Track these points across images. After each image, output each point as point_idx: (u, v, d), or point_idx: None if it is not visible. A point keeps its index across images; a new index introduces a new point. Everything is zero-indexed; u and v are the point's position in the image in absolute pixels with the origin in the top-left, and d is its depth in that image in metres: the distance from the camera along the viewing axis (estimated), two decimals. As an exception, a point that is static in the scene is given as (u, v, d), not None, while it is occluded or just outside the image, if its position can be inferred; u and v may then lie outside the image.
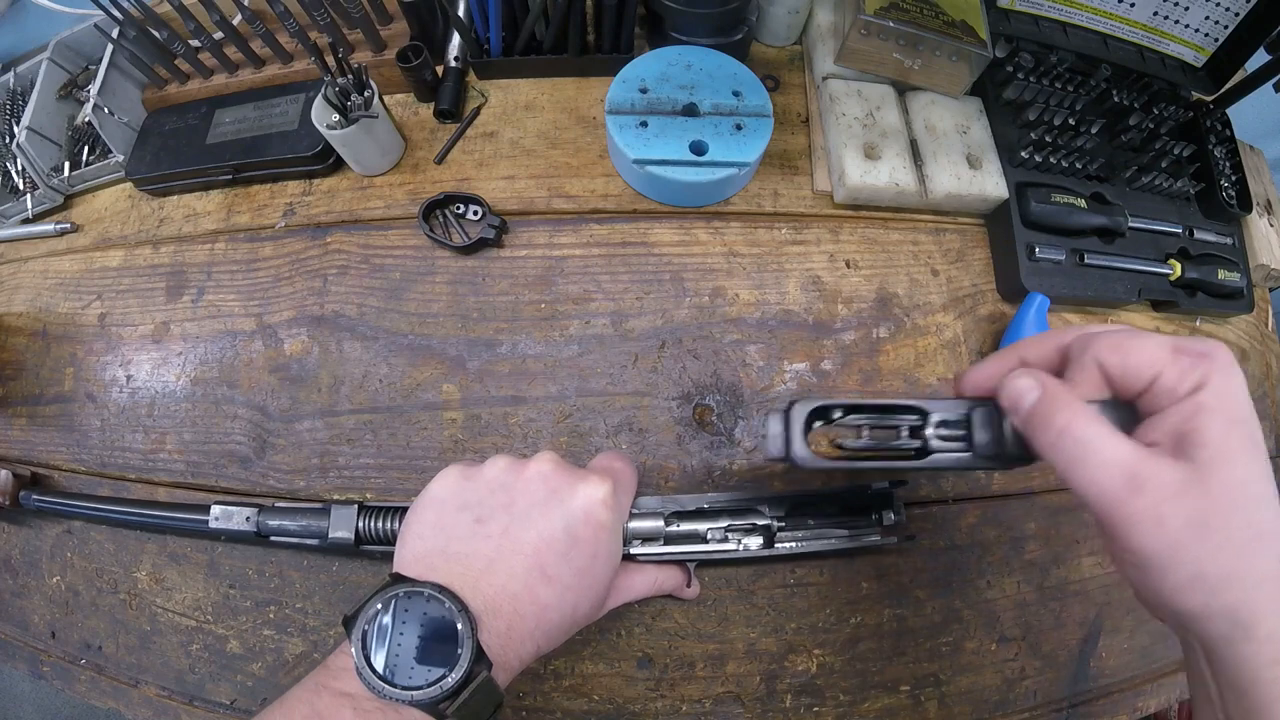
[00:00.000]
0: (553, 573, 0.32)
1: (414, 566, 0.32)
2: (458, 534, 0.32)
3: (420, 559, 0.32)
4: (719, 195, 0.51)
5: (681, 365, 0.48)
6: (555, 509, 0.33)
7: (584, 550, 0.33)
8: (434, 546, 0.32)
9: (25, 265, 0.59)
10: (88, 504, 0.48)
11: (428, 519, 0.33)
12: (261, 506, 0.43)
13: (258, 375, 0.51)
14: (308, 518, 0.42)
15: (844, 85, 0.53)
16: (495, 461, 0.35)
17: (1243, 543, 0.23)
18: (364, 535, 0.41)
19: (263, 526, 0.42)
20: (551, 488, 0.33)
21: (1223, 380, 0.25)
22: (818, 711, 0.44)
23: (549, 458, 0.35)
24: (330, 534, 0.41)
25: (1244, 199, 0.54)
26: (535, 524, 0.32)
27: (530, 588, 0.31)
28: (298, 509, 0.43)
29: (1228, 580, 0.23)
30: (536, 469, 0.34)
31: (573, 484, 0.34)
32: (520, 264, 0.51)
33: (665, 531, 0.40)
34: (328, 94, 0.48)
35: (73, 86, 0.59)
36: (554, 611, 0.32)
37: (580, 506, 0.33)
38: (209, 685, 0.47)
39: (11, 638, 0.52)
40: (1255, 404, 0.57)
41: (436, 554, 0.32)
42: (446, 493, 0.34)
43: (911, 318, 0.50)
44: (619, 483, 0.36)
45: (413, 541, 0.33)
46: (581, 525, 0.33)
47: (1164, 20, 0.52)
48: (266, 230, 0.54)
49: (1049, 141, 0.51)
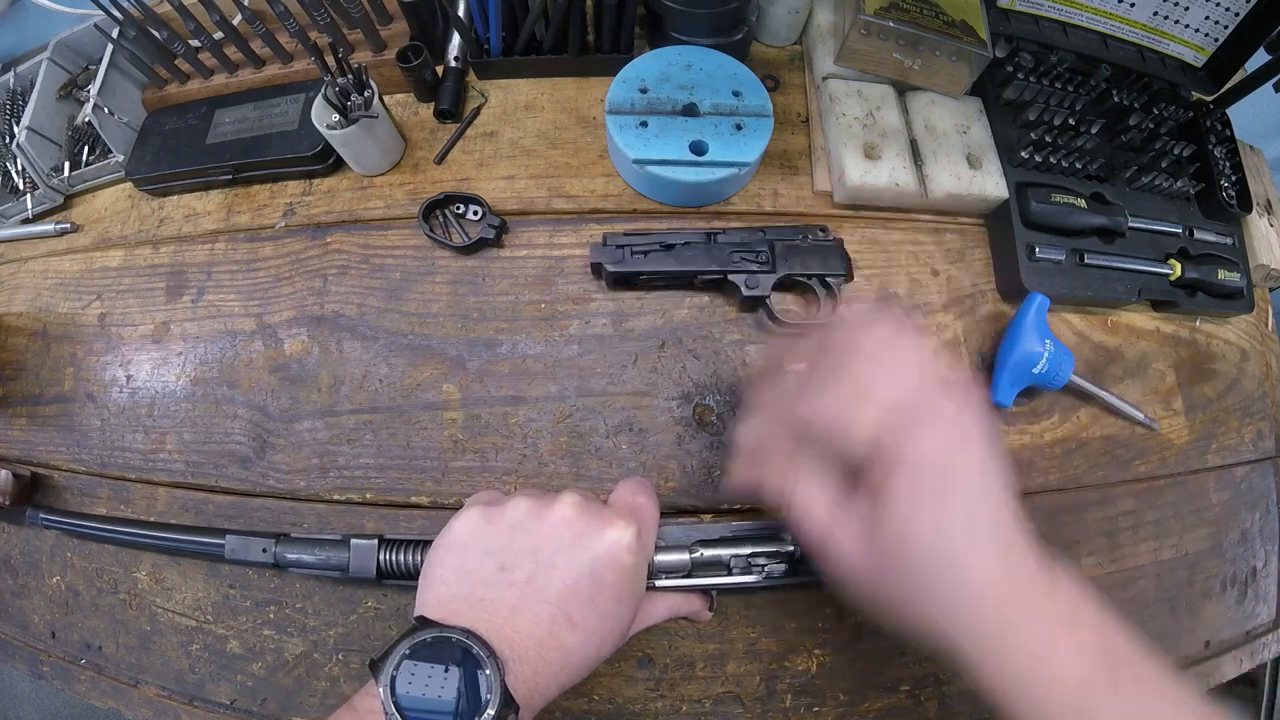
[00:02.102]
0: (578, 619, 0.32)
1: (438, 610, 0.31)
2: (482, 579, 0.32)
3: (444, 603, 0.32)
4: (719, 195, 0.51)
5: (681, 365, 0.48)
6: (580, 555, 0.32)
7: (609, 595, 0.32)
8: (458, 592, 0.32)
9: (25, 265, 0.59)
10: (97, 525, 0.47)
11: (451, 563, 0.33)
12: (278, 537, 0.42)
13: (258, 375, 0.51)
14: (326, 549, 0.41)
15: (844, 85, 0.53)
16: (518, 503, 0.34)
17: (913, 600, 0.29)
18: (385, 569, 0.40)
19: (280, 558, 0.42)
20: (576, 533, 0.33)
21: (910, 469, 0.29)
22: (818, 711, 0.44)
23: (572, 501, 0.34)
24: (351, 569, 0.40)
25: (1244, 199, 0.54)
26: (560, 571, 0.32)
27: (555, 634, 0.31)
28: (316, 540, 0.42)
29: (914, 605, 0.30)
30: (560, 512, 0.33)
31: (598, 529, 0.33)
32: (520, 264, 0.50)
33: (691, 564, 0.39)
34: (328, 94, 0.48)
35: (73, 86, 0.59)
36: (578, 655, 0.32)
37: (606, 553, 0.32)
38: (209, 685, 0.47)
39: (11, 638, 0.52)
40: (1255, 404, 0.57)
41: (461, 599, 0.32)
42: (469, 536, 0.33)
43: (912, 318, 0.50)
44: (643, 522, 0.35)
45: (436, 586, 0.33)
46: (607, 571, 0.32)
47: (1164, 20, 0.52)
48: (266, 230, 0.54)
49: (1049, 141, 0.51)
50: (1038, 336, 0.47)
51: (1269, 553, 0.55)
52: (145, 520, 0.48)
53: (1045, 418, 0.50)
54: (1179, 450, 0.53)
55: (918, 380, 0.31)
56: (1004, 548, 0.29)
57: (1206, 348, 0.56)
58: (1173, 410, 0.53)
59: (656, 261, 0.47)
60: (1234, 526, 0.54)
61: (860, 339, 0.33)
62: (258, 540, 0.42)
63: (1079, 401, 0.51)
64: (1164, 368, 0.54)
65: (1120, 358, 0.53)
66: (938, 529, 0.29)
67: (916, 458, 0.29)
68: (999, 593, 0.28)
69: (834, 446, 0.32)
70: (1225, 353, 0.57)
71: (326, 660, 0.46)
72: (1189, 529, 0.52)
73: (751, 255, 0.47)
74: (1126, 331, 0.54)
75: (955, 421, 0.30)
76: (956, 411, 0.30)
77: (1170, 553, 0.51)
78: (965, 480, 0.29)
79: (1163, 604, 0.50)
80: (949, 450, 0.29)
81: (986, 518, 0.29)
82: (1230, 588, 0.53)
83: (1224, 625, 0.52)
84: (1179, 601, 0.51)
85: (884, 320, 0.34)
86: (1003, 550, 0.29)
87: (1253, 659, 0.53)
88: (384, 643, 0.45)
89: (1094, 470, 0.50)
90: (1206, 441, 0.54)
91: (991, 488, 0.29)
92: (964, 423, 0.30)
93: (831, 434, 0.31)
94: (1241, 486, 0.55)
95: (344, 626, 0.46)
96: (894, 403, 0.30)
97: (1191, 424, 0.54)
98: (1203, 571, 0.52)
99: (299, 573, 0.42)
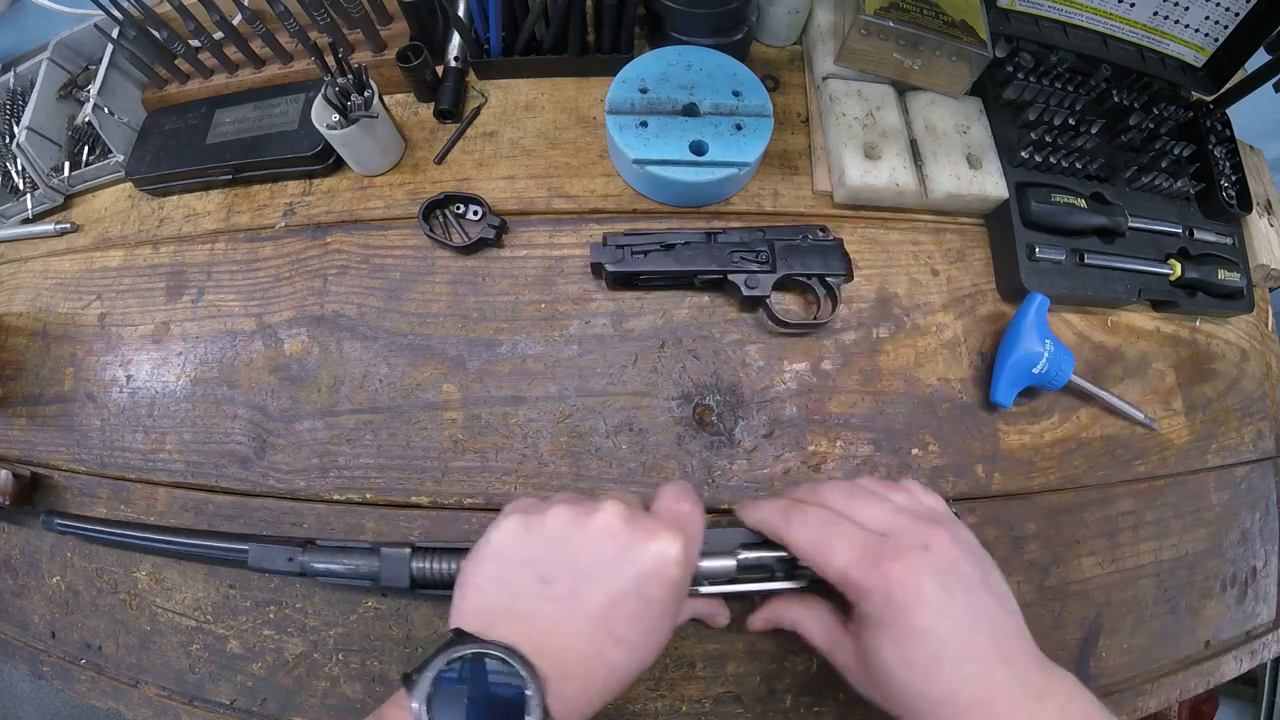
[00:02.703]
0: (622, 634, 0.30)
1: (474, 622, 0.30)
2: (521, 591, 0.31)
3: (481, 614, 0.31)
4: (719, 195, 0.51)
5: (681, 365, 0.48)
6: (625, 569, 0.31)
7: (654, 610, 0.31)
8: (496, 604, 0.31)
9: (25, 265, 0.59)
10: (112, 530, 0.46)
11: (488, 573, 0.32)
12: (305, 544, 0.41)
13: (258, 375, 0.51)
14: (355, 558, 0.40)
15: (844, 85, 0.53)
16: (558, 511, 0.32)
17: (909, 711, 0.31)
18: (418, 579, 0.39)
19: (307, 568, 0.40)
20: (620, 545, 0.31)
21: (874, 605, 0.31)
22: (818, 711, 0.44)
23: (616, 510, 0.32)
24: (382, 579, 0.39)
25: (1244, 199, 0.54)
26: (603, 585, 0.30)
27: (599, 651, 0.30)
28: (344, 548, 0.41)
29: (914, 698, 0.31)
30: (603, 522, 0.32)
31: (643, 541, 0.31)
32: (520, 264, 0.50)
33: (736, 571, 0.38)
34: (328, 94, 0.48)
35: (73, 86, 0.59)
36: (621, 671, 0.31)
37: (652, 566, 0.31)
38: (209, 685, 0.47)
39: (11, 638, 0.52)
40: (1255, 404, 0.57)
41: (499, 611, 0.30)
42: (507, 546, 0.32)
43: (911, 317, 0.50)
44: (689, 532, 0.34)
45: (473, 596, 0.32)
46: (653, 585, 0.31)
47: (1164, 20, 0.52)
48: (266, 230, 0.54)
49: (1049, 141, 0.51)
50: (1038, 336, 0.47)
51: (1269, 553, 0.55)
52: (164, 525, 0.48)
53: (1045, 418, 0.50)
54: (1179, 450, 0.53)
55: (892, 513, 0.33)
56: (975, 676, 0.30)
57: (1206, 348, 0.56)
58: (1173, 410, 0.53)
59: (656, 261, 0.47)
60: (1234, 526, 0.54)
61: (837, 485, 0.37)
62: (282, 549, 0.41)
63: (1079, 401, 0.51)
64: (1164, 368, 0.54)
65: (1120, 358, 0.53)
66: (907, 664, 0.30)
67: (880, 601, 0.31)
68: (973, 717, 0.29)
69: (813, 566, 0.34)
70: (1225, 353, 0.57)
71: (326, 660, 0.46)
72: (1189, 529, 0.52)
73: (751, 255, 0.47)
74: (1126, 331, 0.54)
75: (931, 556, 0.31)
76: (935, 546, 0.32)
77: (1170, 553, 0.51)
78: (931, 616, 0.30)
79: (1163, 604, 0.50)
80: (913, 592, 0.30)
81: (953, 652, 0.30)
82: (1230, 588, 0.53)
83: (1224, 625, 0.52)
84: (1179, 601, 0.51)
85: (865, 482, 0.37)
86: (971, 679, 0.30)
87: (1253, 659, 0.53)
88: (384, 643, 0.45)
89: (1094, 470, 0.50)
90: (1206, 441, 0.54)
91: (955, 622, 0.30)
92: (942, 556, 0.31)
93: (811, 560, 0.34)
94: (1241, 486, 0.55)
95: (344, 626, 0.46)
96: (866, 535, 0.32)
97: (1191, 424, 0.54)
98: (1203, 571, 0.52)
99: (327, 582, 0.41)
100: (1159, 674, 0.50)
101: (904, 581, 0.30)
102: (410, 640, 0.45)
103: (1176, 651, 0.51)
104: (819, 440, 0.47)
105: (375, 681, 0.45)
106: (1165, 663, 0.50)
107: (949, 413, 0.49)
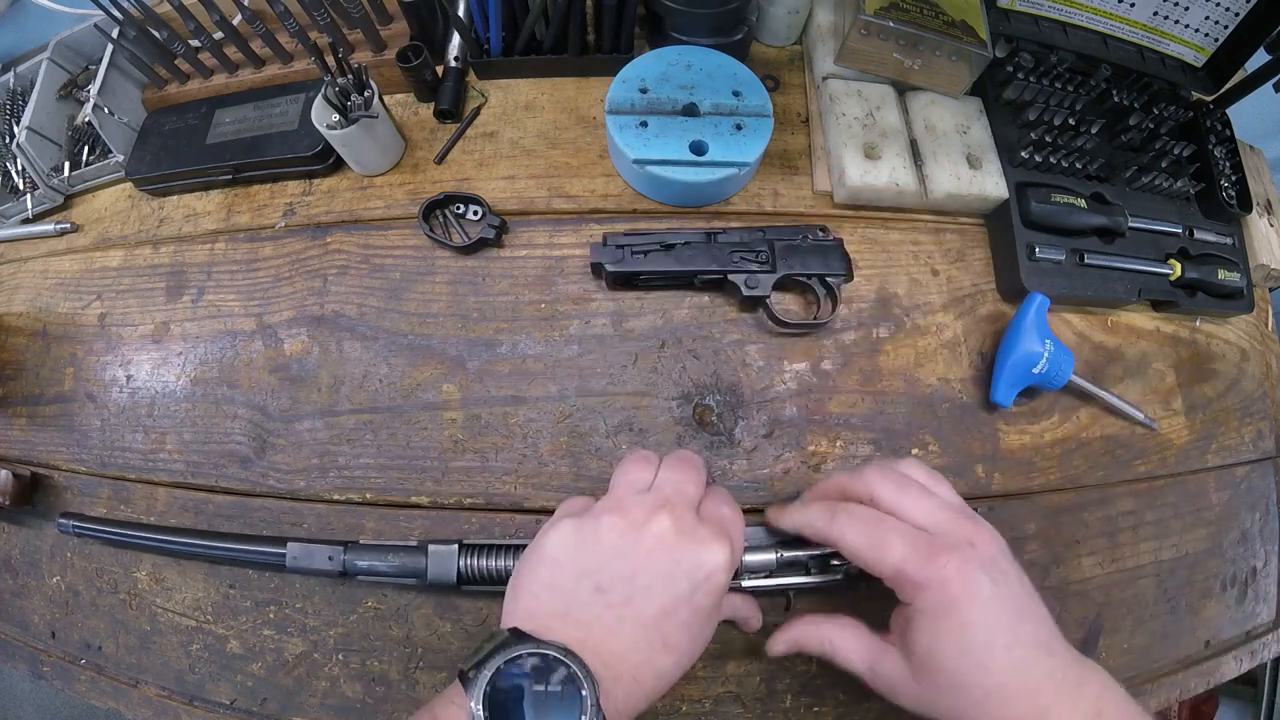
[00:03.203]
0: (673, 642, 0.32)
1: (530, 623, 0.31)
2: (577, 600, 0.32)
3: (535, 617, 0.32)
4: (719, 195, 0.51)
5: (681, 365, 0.48)
6: (679, 581, 0.32)
7: (702, 617, 0.33)
8: (551, 609, 0.32)
9: (25, 265, 0.59)
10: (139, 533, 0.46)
11: (542, 578, 0.33)
12: (346, 544, 0.41)
13: (258, 375, 0.51)
14: (400, 556, 0.40)
15: (844, 85, 0.53)
16: (612, 522, 0.33)
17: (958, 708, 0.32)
18: (466, 575, 0.39)
19: (350, 566, 0.41)
20: (674, 558, 0.32)
21: (930, 598, 0.32)
22: (818, 711, 0.44)
23: (667, 521, 0.33)
24: (430, 576, 0.39)
25: (1244, 199, 0.54)
26: (658, 596, 0.32)
27: (651, 658, 0.31)
28: (388, 546, 0.41)
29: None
30: (656, 532, 0.33)
31: (695, 551, 0.33)
32: (520, 264, 0.50)
33: (775, 566, 0.39)
34: (328, 94, 0.48)
35: (73, 86, 0.59)
36: (669, 675, 0.32)
37: (703, 577, 0.32)
38: (209, 685, 0.47)
39: (11, 638, 0.52)
40: (1255, 404, 0.57)
41: (555, 616, 0.32)
42: (562, 554, 0.33)
43: (911, 317, 0.50)
44: (734, 538, 0.35)
45: (526, 599, 0.33)
46: (702, 595, 0.33)
47: (1164, 20, 0.52)
48: (266, 230, 0.54)
49: (1049, 141, 0.51)
50: (1038, 336, 0.47)
51: (1269, 553, 0.55)
52: (197, 529, 0.48)
53: (1045, 418, 0.50)
54: (1179, 450, 0.53)
55: (938, 508, 0.34)
56: (1024, 665, 0.31)
57: (1206, 348, 0.56)
58: (1173, 410, 0.53)
59: (656, 261, 0.47)
60: (1234, 526, 0.54)
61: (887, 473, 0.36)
62: (323, 548, 0.41)
63: (1079, 401, 0.51)
64: (1164, 368, 0.54)
65: (1120, 358, 0.53)
66: (961, 653, 0.31)
67: (936, 593, 0.32)
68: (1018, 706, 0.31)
69: (864, 565, 0.34)
70: (1225, 353, 0.57)
71: (326, 660, 0.46)
72: (1189, 529, 0.52)
73: (751, 255, 0.47)
74: (1126, 331, 0.54)
75: (977, 551, 0.32)
76: (969, 548, 0.32)
77: (1170, 553, 0.51)
78: (983, 607, 0.31)
79: (1163, 604, 0.51)
80: (965, 585, 0.31)
81: (1003, 640, 0.31)
82: (1230, 588, 0.53)
83: (1224, 625, 0.53)
84: (1179, 601, 0.51)
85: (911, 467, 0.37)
86: (1021, 667, 0.31)
87: (1253, 659, 0.53)
88: (384, 643, 0.45)
89: (1094, 470, 0.50)
90: (1206, 441, 0.54)
91: (1004, 614, 0.32)
92: (976, 558, 0.32)
93: (863, 558, 0.34)
94: (1241, 486, 0.55)
95: (344, 626, 0.46)
96: (900, 565, 0.32)
97: (1191, 424, 0.54)
98: (1203, 571, 0.52)
99: (370, 580, 0.41)
100: (1159, 674, 0.50)
101: (958, 575, 0.31)
102: (410, 640, 0.45)
103: (1176, 651, 0.51)
104: (819, 440, 0.47)
105: (375, 681, 0.45)
106: (1165, 663, 0.50)
107: (949, 413, 0.49)
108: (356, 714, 0.45)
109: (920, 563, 0.32)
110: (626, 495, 0.35)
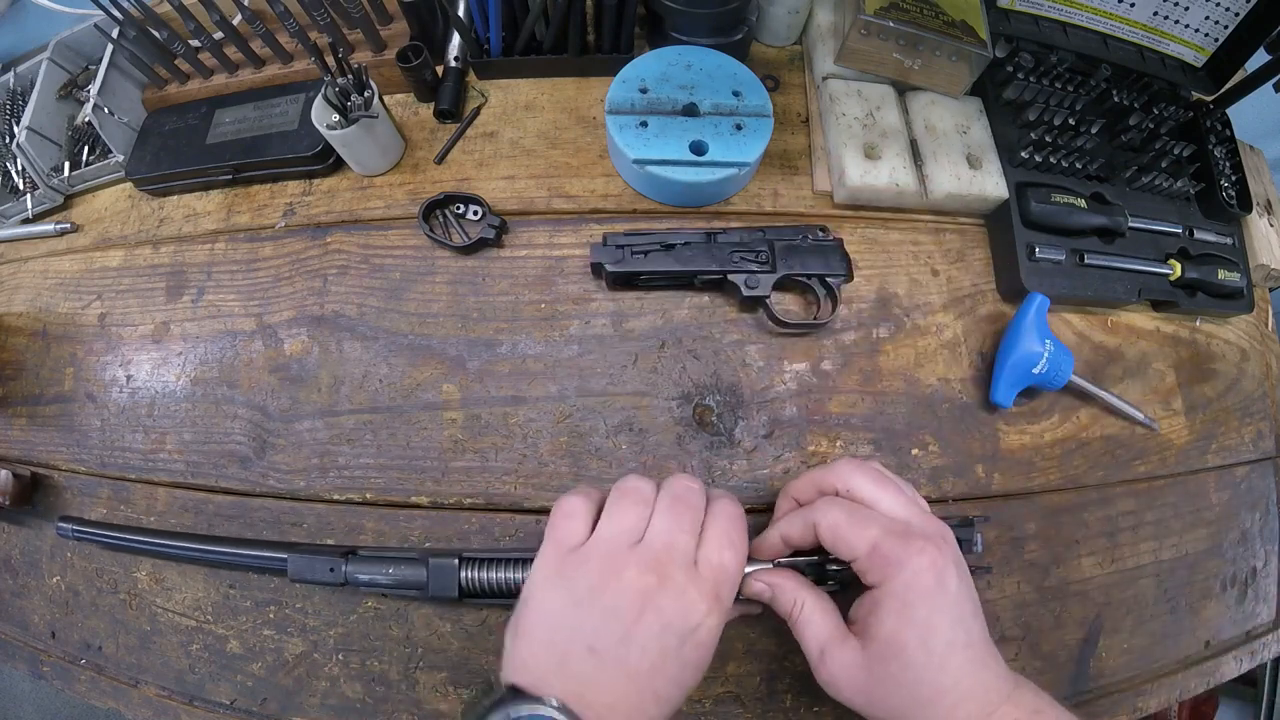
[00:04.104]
0: (664, 694, 0.33)
1: (526, 676, 0.33)
2: (573, 656, 0.33)
3: (532, 671, 0.33)
4: (719, 195, 0.51)
5: (681, 365, 0.48)
6: (669, 640, 0.33)
7: (690, 669, 0.34)
8: (547, 665, 0.33)
9: (25, 265, 0.59)
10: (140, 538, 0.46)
11: (539, 636, 0.34)
12: (347, 555, 0.41)
13: (258, 375, 0.51)
14: (402, 568, 0.40)
15: (844, 85, 0.53)
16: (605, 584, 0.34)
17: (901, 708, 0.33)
18: (467, 588, 0.40)
19: (351, 578, 0.41)
20: (665, 621, 0.33)
21: (903, 580, 0.33)
22: (817, 711, 0.44)
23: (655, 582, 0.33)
24: (431, 590, 0.39)
25: (1244, 199, 0.54)
26: (650, 655, 0.33)
27: (642, 707, 0.33)
28: (388, 557, 0.41)
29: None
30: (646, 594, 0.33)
31: (684, 613, 0.34)
32: (520, 264, 0.51)
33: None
34: (328, 94, 0.48)
35: (73, 86, 0.59)
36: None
37: (692, 637, 0.34)
38: (209, 685, 0.47)
39: (11, 638, 0.52)
40: (1255, 404, 0.57)
41: (551, 671, 0.33)
42: (558, 614, 0.34)
43: (911, 318, 0.50)
44: (726, 593, 0.36)
45: (523, 651, 0.34)
46: (692, 651, 0.34)
47: (1164, 20, 0.52)
48: (266, 230, 0.54)
49: (1049, 141, 0.51)
50: (1038, 336, 0.47)
51: (1269, 553, 0.55)
52: (197, 533, 0.48)
53: (1045, 418, 0.50)
54: (1179, 450, 0.53)
55: (909, 503, 0.37)
56: (976, 665, 0.33)
57: (1206, 348, 0.56)
58: (1173, 410, 0.54)
59: (656, 261, 0.47)
60: (1234, 526, 0.54)
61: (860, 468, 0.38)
62: (324, 559, 0.41)
63: (1079, 401, 0.51)
64: (1164, 368, 0.54)
65: (1120, 358, 0.53)
66: (923, 645, 0.33)
67: (909, 577, 0.33)
68: (969, 707, 0.33)
69: (841, 543, 0.35)
70: (1225, 353, 0.57)
71: (326, 660, 0.46)
72: (1189, 529, 0.52)
73: (751, 255, 0.47)
74: (1126, 331, 0.54)
75: (941, 551, 0.34)
76: (942, 543, 0.35)
77: (1170, 553, 0.51)
78: (949, 601, 0.33)
79: (1163, 604, 0.51)
80: (937, 575, 0.33)
81: (962, 638, 0.33)
82: (1230, 588, 0.53)
83: (1224, 625, 0.53)
84: (1179, 601, 0.51)
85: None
86: (974, 667, 0.33)
87: (1253, 659, 0.53)
88: (384, 643, 0.45)
89: (1094, 470, 0.50)
90: (1206, 441, 0.54)
91: (965, 613, 0.34)
92: (948, 552, 0.34)
93: (842, 537, 0.35)
94: (1241, 486, 0.55)
95: (344, 626, 0.46)
96: (875, 544, 0.34)
97: (1191, 424, 0.54)
98: (1203, 571, 0.52)
99: (372, 591, 0.42)
100: (1159, 674, 0.50)
101: (931, 564, 0.33)
102: (410, 640, 0.45)
103: (1176, 651, 0.51)
104: (819, 440, 0.47)
105: (375, 681, 0.45)
106: (1165, 663, 0.50)
107: (949, 413, 0.49)
108: (356, 714, 0.45)
109: (897, 542, 0.34)
110: (618, 550, 0.35)
